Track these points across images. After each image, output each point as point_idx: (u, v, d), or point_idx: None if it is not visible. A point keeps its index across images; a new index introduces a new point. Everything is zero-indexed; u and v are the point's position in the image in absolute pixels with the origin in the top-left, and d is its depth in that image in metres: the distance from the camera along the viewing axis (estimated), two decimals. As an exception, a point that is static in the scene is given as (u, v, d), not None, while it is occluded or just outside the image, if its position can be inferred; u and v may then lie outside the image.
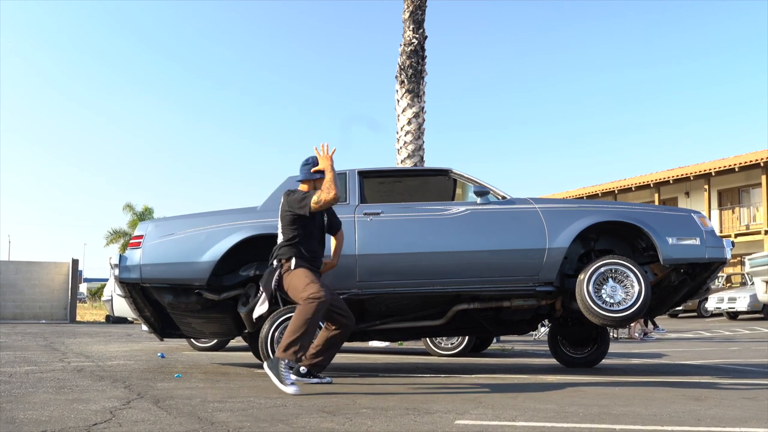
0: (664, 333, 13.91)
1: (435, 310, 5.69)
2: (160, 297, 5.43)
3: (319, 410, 3.43)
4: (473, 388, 4.58)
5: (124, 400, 3.69)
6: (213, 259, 5.22)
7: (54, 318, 19.51)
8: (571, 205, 5.73)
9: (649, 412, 3.52)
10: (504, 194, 5.62)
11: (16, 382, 4.45)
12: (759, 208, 26.55)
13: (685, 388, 4.76)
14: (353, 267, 5.26)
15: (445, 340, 7.89)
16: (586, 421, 3.21)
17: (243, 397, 3.90)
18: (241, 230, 5.28)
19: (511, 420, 3.21)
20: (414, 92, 11.57)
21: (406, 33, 11.72)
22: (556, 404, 3.77)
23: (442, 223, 5.43)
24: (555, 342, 6.64)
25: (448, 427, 3.01)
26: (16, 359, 6.33)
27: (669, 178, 27.70)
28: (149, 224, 5.61)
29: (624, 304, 5.19)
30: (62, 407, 3.39)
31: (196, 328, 5.97)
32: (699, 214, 5.70)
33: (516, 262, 5.38)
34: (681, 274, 5.78)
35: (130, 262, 5.32)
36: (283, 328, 5.08)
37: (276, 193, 5.56)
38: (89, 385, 4.37)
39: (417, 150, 11.57)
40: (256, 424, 3.02)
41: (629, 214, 5.48)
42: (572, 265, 5.61)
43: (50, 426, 2.86)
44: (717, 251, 5.49)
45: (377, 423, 3.07)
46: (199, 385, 4.52)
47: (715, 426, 3.13)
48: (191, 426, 2.93)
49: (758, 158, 24.97)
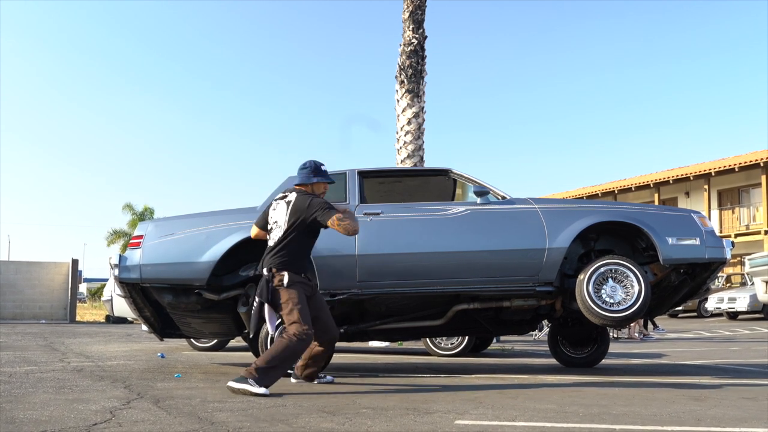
0: (664, 333, 13.91)
1: (435, 310, 5.69)
2: (160, 297, 5.43)
3: (319, 410, 3.43)
4: (473, 388, 4.58)
5: (124, 400, 3.69)
6: (213, 259, 5.22)
7: (54, 318, 19.50)
8: (571, 205, 5.73)
9: (649, 412, 3.52)
10: (504, 194, 5.62)
11: (16, 382, 4.45)
12: (759, 208, 26.53)
13: (685, 388, 4.76)
14: (353, 267, 5.26)
15: (445, 340, 7.89)
16: (586, 421, 3.21)
17: (243, 397, 3.90)
18: (241, 230, 5.27)
19: (511, 420, 3.21)
20: (414, 92, 11.57)
21: (406, 33, 11.72)
22: (556, 404, 3.77)
23: (442, 223, 5.43)
24: (555, 342, 6.64)
25: (448, 427, 3.01)
26: (16, 359, 6.33)
27: (669, 178, 27.69)
28: (149, 224, 5.61)
29: (624, 304, 5.19)
30: (62, 407, 3.39)
31: (196, 328, 5.97)
32: (699, 214, 5.70)
33: (516, 262, 5.38)
34: (681, 274, 5.78)
35: (130, 262, 5.32)
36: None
37: (276, 193, 5.55)
38: (89, 385, 4.37)
39: (417, 150, 11.57)
40: (256, 424, 3.02)
41: (629, 214, 5.48)
42: (572, 265, 5.61)
43: (50, 426, 2.86)
44: (717, 251, 5.49)
45: (377, 423, 3.07)
46: (199, 385, 4.52)
47: (715, 426, 3.13)
48: (191, 426, 2.93)
49: (758, 158, 24.96)
